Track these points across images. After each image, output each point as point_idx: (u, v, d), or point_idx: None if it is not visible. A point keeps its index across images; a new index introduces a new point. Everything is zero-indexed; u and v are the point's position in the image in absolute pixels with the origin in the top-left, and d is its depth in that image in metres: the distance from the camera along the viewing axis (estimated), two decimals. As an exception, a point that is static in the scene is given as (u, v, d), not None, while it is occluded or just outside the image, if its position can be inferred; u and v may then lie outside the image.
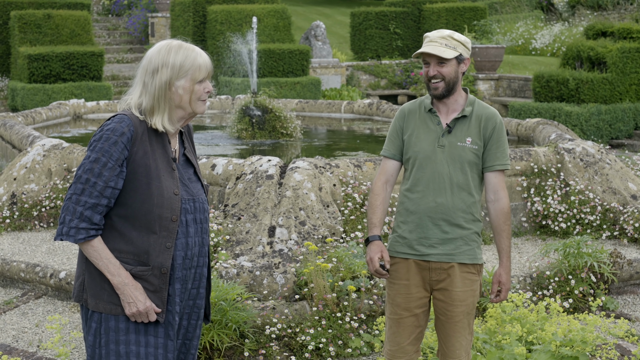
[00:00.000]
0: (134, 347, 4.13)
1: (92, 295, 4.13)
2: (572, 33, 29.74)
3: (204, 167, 9.18)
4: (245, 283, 7.18)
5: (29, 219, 10.05)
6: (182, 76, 4.13)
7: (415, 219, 4.95)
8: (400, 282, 5.02)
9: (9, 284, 8.54)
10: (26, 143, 11.62)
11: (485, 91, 23.47)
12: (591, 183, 9.68)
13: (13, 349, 6.97)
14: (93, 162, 4.03)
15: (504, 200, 4.98)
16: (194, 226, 4.26)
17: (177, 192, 4.14)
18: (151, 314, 4.10)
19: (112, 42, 31.12)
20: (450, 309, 4.96)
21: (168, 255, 4.12)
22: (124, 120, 4.08)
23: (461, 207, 4.92)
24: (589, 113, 18.42)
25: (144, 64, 4.17)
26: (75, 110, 16.54)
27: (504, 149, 4.99)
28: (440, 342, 5.08)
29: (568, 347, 6.14)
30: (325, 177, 8.64)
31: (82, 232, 4.02)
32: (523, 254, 8.86)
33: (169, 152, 4.20)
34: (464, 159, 4.92)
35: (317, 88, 23.53)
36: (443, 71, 4.90)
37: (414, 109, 5.09)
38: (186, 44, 4.20)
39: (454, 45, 4.90)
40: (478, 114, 4.98)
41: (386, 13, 28.92)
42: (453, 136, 4.94)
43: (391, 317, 5.09)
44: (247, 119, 13.89)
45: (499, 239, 5.01)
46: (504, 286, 5.00)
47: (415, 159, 4.97)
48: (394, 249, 5.06)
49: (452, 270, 4.93)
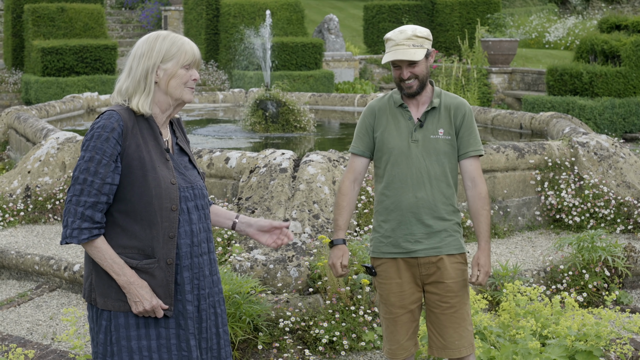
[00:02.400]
0: (145, 342, 4.13)
1: (100, 294, 4.13)
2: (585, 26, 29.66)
3: (217, 160, 9.19)
4: (259, 276, 7.19)
5: (43, 212, 10.08)
6: (168, 60, 4.14)
7: (397, 216, 4.96)
8: (392, 282, 5.02)
9: (23, 276, 8.57)
10: (40, 136, 11.65)
11: (498, 85, 23.41)
12: (605, 177, 9.65)
13: (27, 342, 6.99)
14: (88, 161, 4.03)
15: (481, 185, 5.01)
16: (197, 213, 4.25)
17: (174, 181, 4.13)
18: (158, 311, 4.10)
19: (125, 35, 31.14)
20: (445, 300, 4.97)
21: (172, 245, 4.12)
22: (112, 116, 4.07)
23: (441, 200, 4.95)
24: (603, 107, 18.37)
25: (132, 51, 4.19)
26: (88, 103, 16.57)
27: (475, 135, 5.02)
28: (436, 336, 5.06)
29: (582, 342, 6.12)
30: (339, 171, 8.64)
31: (85, 232, 4.03)
32: (537, 248, 8.84)
33: (161, 143, 4.19)
34: (439, 151, 4.94)
35: (330, 81, 23.51)
36: (416, 71, 4.92)
37: (383, 105, 5.10)
38: (173, 33, 4.23)
39: (420, 43, 4.91)
40: (446, 104, 5.01)
41: (399, 6, 28.86)
42: (425, 129, 4.96)
43: (387, 316, 5.09)
44: (261, 112, 13.89)
45: (477, 224, 5.03)
46: (483, 268, 5.00)
47: (390, 156, 4.97)
48: (379, 250, 5.06)
49: (440, 262, 4.95)
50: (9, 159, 13.95)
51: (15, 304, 7.91)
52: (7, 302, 7.98)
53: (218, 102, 18.12)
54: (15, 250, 8.68)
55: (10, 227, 9.78)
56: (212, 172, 9.19)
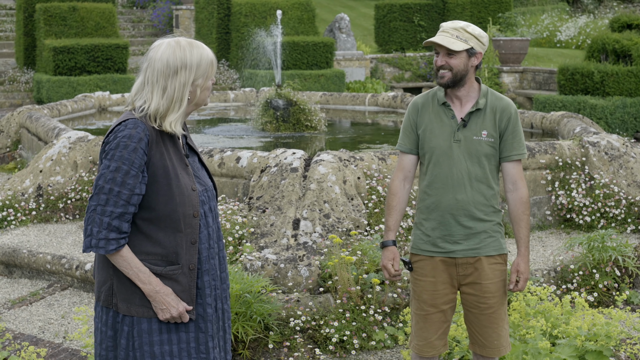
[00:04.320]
0: (167, 347, 4.15)
1: (122, 300, 4.13)
2: (597, 25, 29.60)
3: (229, 159, 9.21)
4: (270, 275, 7.20)
5: (55, 211, 10.11)
6: (200, 76, 4.13)
7: (437, 216, 4.93)
8: (426, 279, 5.00)
9: (35, 275, 8.60)
10: (52, 135, 11.68)
11: (509, 84, 23.39)
12: (616, 177, 9.65)
13: (39, 340, 7.02)
14: (114, 171, 4.00)
15: (523, 189, 4.96)
16: (211, 215, 4.28)
17: (194, 187, 4.14)
18: (184, 316, 4.13)
19: (137, 34, 31.18)
20: (482, 301, 4.95)
21: (194, 251, 4.14)
22: (138, 125, 4.04)
23: (481, 201, 4.90)
24: (614, 106, 18.33)
25: (160, 67, 4.08)
26: (100, 102, 16.61)
27: (520, 138, 4.95)
28: (475, 334, 5.06)
29: (592, 342, 6.13)
30: (350, 170, 8.65)
31: (113, 242, 4.01)
32: (547, 248, 8.84)
33: (180, 149, 4.19)
34: (481, 153, 4.89)
35: (341, 80, 23.51)
36: (451, 62, 4.85)
37: (427, 102, 5.04)
38: (191, 40, 4.18)
39: (466, 38, 4.84)
40: (492, 106, 4.93)
41: (410, 5, 28.84)
42: (468, 130, 4.90)
43: (418, 312, 5.07)
44: (272, 111, 13.90)
45: (517, 229, 4.99)
46: (522, 275, 4.98)
47: (432, 155, 4.93)
48: (418, 246, 5.03)
49: (478, 263, 4.92)
50: (21, 158, 14.00)
51: (27, 302, 7.94)
52: (20, 300, 8.01)
53: (229, 101, 18.14)
54: (27, 249, 8.72)
55: (22, 226, 9.82)
56: (223, 171, 9.21)
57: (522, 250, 5.00)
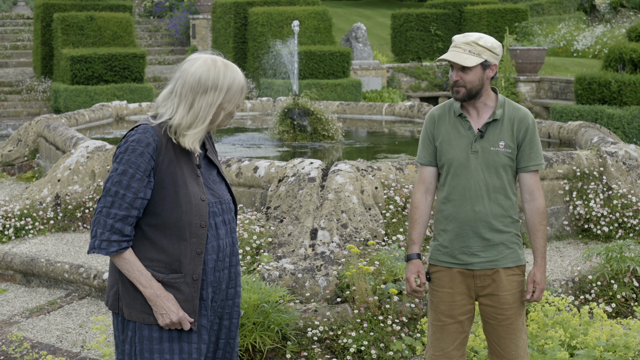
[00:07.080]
0: (168, 356, 4.16)
1: (126, 305, 4.16)
2: (614, 35, 29.54)
3: (246, 169, 9.23)
4: (287, 285, 7.21)
5: (73, 220, 10.15)
6: (228, 99, 4.14)
7: (455, 227, 4.92)
8: (444, 290, 4.99)
9: (53, 284, 8.62)
10: (70, 145, 11.72)
11: (526, 93, 23.37)
12: (634, 187, 9.62)
13: (57, 349, 7.04)
14: (120, 174, 4.05)
15: (540, 200, 4.94)
16: (224, 228, 4.28)
17: (204, 197, 4.15)
18: (185, 323, 4.13)
19: (154, 43, 31.28)
20: (500, 312, 4.93)
21: (199, 262, 4.15)
22: (148, 130, 4.08)
23: (499, 212, 4.88)
24: (632, 116, 18.28)
25: (192, 82, 4.09)
26: (117, 111, 16.66)
27: (537, 149, 4.93)
28: (493, 345, 5.04)
29: (610, 352, 6.11)
30: (367, 180, 8.65)
31: (114, 244, 4.05)
32: (565, 258, 8.82)
33: (192, 158, 4.21)
34: (499, 164, 4.86)
35: (358, 90, 23.52)
36: (465, 79, 4.82)
37: (443, 113, 5.01)
38: (228, 62, 4.18)
39: (479, 52, 4.81)
40: (510, 116, 4.90)
41: (427, 15, 28.87)
42: (485, 141, 4.88)
43: (434, 323, 5.06)
44: (289, 121, 13.91)
45: (534, 239, 4.97)
46: (539, 286, 4.95)
47: (450, 167, 4.91)
48: (435, 257, 5.02)
49: (496, 275, 4.90)
50: (39, 167, 14.05)
51: (45, 311, 7.96)
52: (37, 309, 8.04)
53: (246, 110, 18.17)
54: (45, 258, 8.75)
55: (40, 235, 9.85)
56: (241, 181, 9.22)
57: (538, 261, 4.98)
